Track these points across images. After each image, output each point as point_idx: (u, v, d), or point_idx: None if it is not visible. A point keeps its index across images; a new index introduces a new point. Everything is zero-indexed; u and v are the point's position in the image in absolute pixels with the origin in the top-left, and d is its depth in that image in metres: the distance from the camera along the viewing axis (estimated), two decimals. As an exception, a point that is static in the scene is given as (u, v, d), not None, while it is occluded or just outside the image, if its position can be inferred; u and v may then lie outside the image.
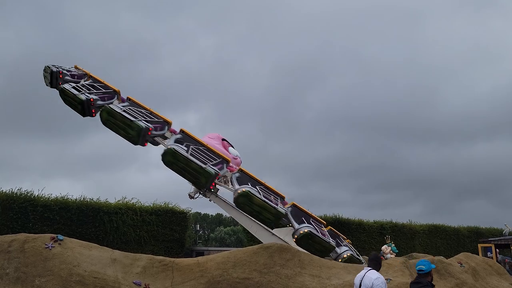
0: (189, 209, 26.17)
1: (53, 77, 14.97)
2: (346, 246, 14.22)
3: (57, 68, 15.21)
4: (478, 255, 25.96)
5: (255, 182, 14.36)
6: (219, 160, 13.84)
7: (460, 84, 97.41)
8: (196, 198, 14.63)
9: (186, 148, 13.28)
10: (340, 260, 13.01)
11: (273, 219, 13.28)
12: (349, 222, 27.37)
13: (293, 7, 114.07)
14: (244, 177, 14.36)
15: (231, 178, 14.11)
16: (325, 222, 14.92)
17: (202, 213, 76.33)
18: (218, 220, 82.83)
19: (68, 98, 14.34)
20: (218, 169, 13.33)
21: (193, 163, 12.74)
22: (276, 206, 13.23)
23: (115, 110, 13.34)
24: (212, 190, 13.92)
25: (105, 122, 13.58)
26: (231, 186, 13.90)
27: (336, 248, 13.58)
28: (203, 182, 13.07)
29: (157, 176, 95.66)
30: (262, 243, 11.99)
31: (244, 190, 13.03)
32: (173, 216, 24.18)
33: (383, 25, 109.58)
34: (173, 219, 24.06)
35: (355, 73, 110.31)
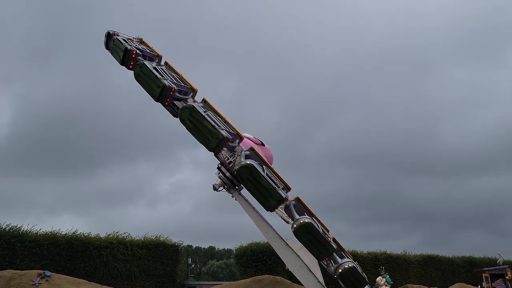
0: (181, 242, 25.81)
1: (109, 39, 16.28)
2: (349, 259, 13.97)
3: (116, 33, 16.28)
4: (477, 284, 25.91)
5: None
6: (233, 132, 14.36)
7: (457, 124, 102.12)
8: (220, 191, 14.97)
9: (204, 110, 13.94)
10: (340, 271, 12.89)
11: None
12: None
13: (307, 51, 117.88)
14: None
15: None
16: (329, 230, 14.64)
17: (194, 246, 75.15)
18: (211, 253, 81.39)
19: (113, 45, 15.77)
20: (230, 138, 13.81)
21: (206, 122, 13.33)
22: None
23: (147, 66, 14.35)
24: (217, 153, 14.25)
25: (137, 77, 14.67)
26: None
27: (338, 258, 13.40)
28: (212, 145, 13.52)
29: (164, 210, 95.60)
30: (255, 276, 11.84)
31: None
32: (165, 249, 23.75)
33: (390, 68, 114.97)
34: (164, 253, 23.61)
35: (360, 112, 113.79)
